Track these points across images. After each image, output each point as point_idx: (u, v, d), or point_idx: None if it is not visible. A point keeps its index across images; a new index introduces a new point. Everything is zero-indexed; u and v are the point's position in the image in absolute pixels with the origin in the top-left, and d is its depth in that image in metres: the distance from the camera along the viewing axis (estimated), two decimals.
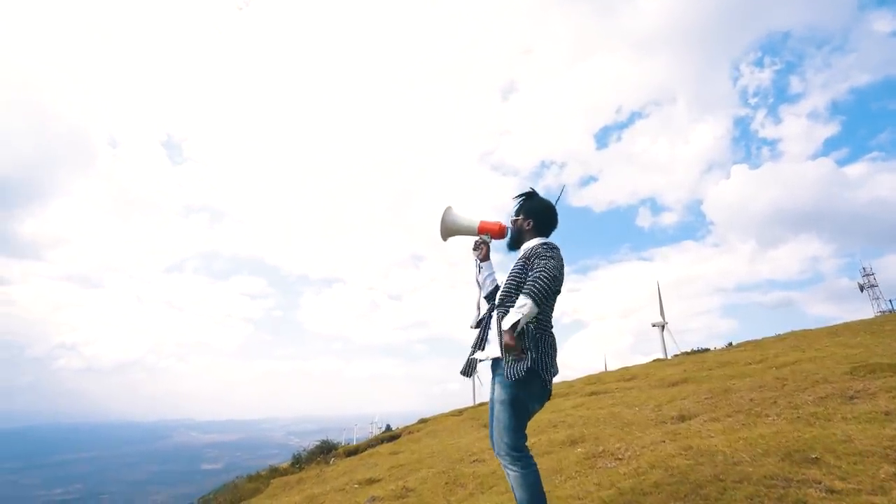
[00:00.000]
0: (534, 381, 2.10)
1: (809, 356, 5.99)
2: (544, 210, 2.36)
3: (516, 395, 2.07)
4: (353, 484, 6.83)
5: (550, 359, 2.15)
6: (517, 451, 2.04)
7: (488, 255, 2.57)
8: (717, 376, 6.74)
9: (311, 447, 19.02)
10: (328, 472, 10.16)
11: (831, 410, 3.19)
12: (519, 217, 2.40)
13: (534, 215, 2.35)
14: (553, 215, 2.38)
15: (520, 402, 2.07)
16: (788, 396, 3.93)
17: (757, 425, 3.38)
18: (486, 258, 2.57)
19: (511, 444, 2.04)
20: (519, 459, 2.03)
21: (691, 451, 3.08)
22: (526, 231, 2.36)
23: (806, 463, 2.36)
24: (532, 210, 2.37)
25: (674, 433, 3.82)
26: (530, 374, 2.09)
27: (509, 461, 2.05)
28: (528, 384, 2.09)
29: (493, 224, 2.57)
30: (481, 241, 2.57)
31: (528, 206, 2.39)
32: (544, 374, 2.11)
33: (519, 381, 2.08)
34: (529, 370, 2.09)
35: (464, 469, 5.52)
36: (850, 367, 4.22)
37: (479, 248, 2.58)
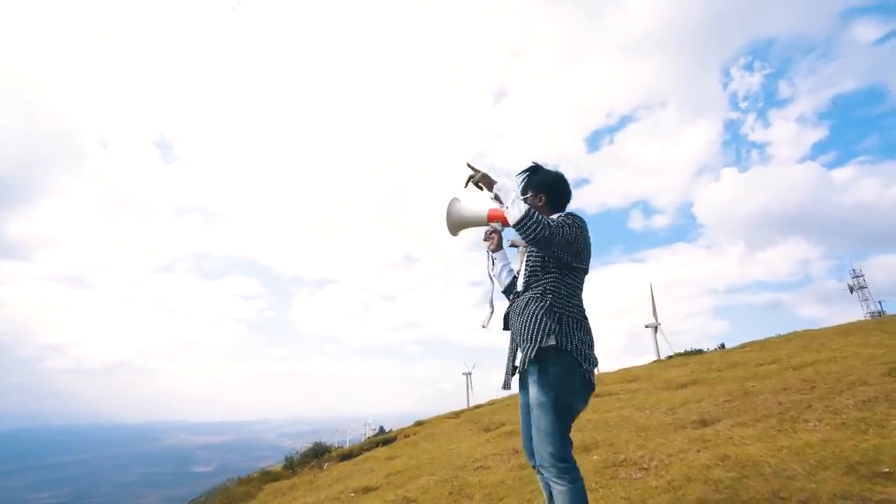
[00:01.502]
0: (574, 374, 1.81)
1: (827, 357, 5.72)
2: (555, 181, 2.09)
3: (557, 394, 1.77)
4: (349, 492, 6.46)
5: (589, 348, 1.87)
6: (563, 462, 1.77)
7: (501, 244, 2.29)
8: (729, 378, 6.46)
9: (303, 449, 18.61)
10: (321, 479, 9.77)
11: (881, 416, 2.90)
12: (528, 195, 2.12)
13: (546, 189, 2.08)
14: (566, 185, 2.10)
15: (562, 403, 1.78)
16: (824, 400, 3.64)
17: (797, 432, 3.08)
18: (499, 248, 2.29)
19: (556, 453, 1.76)
20: (566, 472, 1.75)
21: (730, 462, 2.77)
22: (540, 208, 2.08)
23: (878, 478, 2.05)
24: (542, 184, 2.09)
25: (701, 440, 3.51)
26: (570, 367, 1.80)
27: (555, 473, 1.76)
28: (570, 379, 1.80)
29: (502, 211, 2.29)
30: (492, 231, 2.29)
31: (535, 180, 2.12)
32: (585, 365, 1.83)
33: (559, 378, 1.78)
34: (569, 362, 1.80)
35: (468, 477, 5.18)
36: (887, 368, 3.94)
37: (489, 239, 2.30)
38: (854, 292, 29.82)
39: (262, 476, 15.57)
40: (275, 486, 11.30)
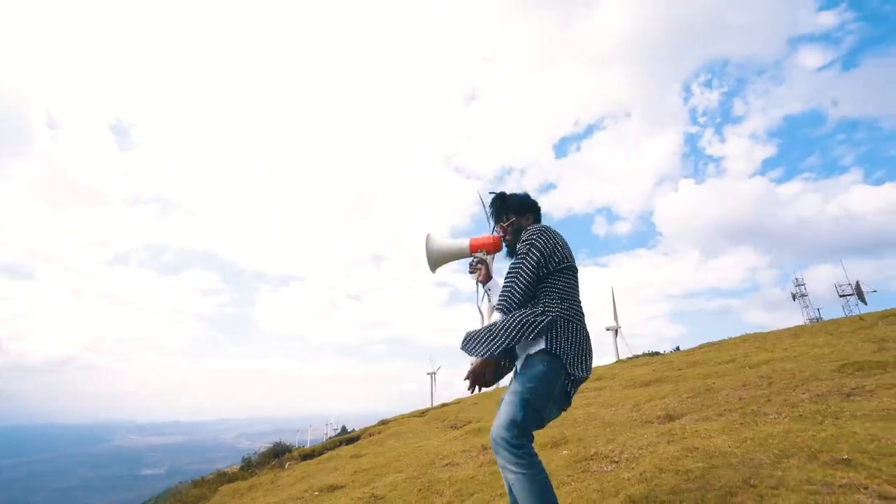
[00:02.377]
0: (558, 378, 1.76)
1: (780, 356, 6.03)
2: (529, 199, 2.16)
3: (533, 388, 1.73)
4: (313, 491, 6.28)
5: (582, 354, 1.80)
6: (519, 448, 1.71)
7: (490, 274, 2.21)
8: (691, 376, 6.70)
9: (263, 450, 18.02)
10: (283, 478, 9.47)
11: (836, 408, 3.05)
12: (513, 219, 2.14)
13: (527, 209, 2.14)
14: (529, 199, 2.17)
15: (535, 399, 1.74)
16: (781, 395, 3.81)
17: (758, 424, 3.20)
18: (489, 278, 2.20)
19: (510, 439, 1.72)
20: (522, 456, 1.70)
21: (698, 453, 2.84)
22: (528, 227, 2.10)
23: (838, 464, 2.15)
24: (522, 206, 2.14)
25: (668, 433, 3.60)
26: (555, 370, 1.76)
27: (508, 458, 1.72)
28: (552, 381, 1.75)
29: (485, 238, 2.21)
30: (477, 261, 2.22)
31: (514, 205, 2.15)
32: (572, 371, 1.78)
33: (540, 375, 1.74)
34: (556, 365, 1.75)
35: (437, 474, 5.12)
36: (836, 365, 4.17)
37: (476, 270, 2.22)
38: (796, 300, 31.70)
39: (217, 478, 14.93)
40: (232, 487, 10.87)
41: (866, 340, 5.49)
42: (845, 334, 6.80)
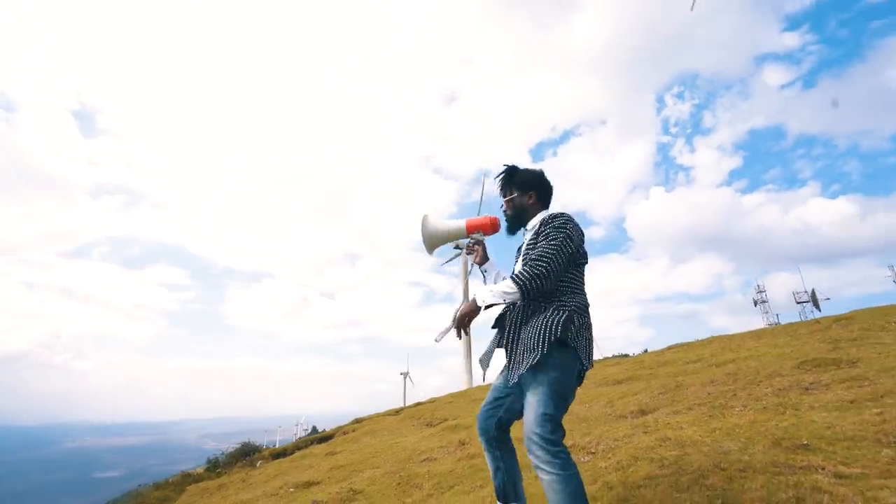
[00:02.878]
0: (574, 366, 1.80)
1: (745, 355, 6.34)
2: (540, 177, 2.11)
3: (557, 378, 1.73)
4: (288, 488, 6.21)
5: (590, 345, 1.86)
6: (553, 446, 1.67)
7: (486, 255, 2.24)
8: (661, 374, 6.96)
9: (230, 450, 17.54)
10: (255, 476, 9.30)
11: (796, 400, 3.27)
12: (514, 195, 2.11)
13: (534, 186, 2.09)
14: (549, 181, 2.13)
15: (560, 389, 1.72)
16: (746, 389, 4.03)
17: (725, 416, 3.38)
18: (486, 259, 2.24)
19: (546, 435, 1.67)
20: (556, 456, 1.66)
21: (671, 443, 2.99)
22: (529, 206, 2.09)
23: (798, 449, 2.31)
24: (528, 182, 2.10)
25: (642, 426, 3.76)
26: (571, 359, 1.80)
27: (544, 458, 1.67)
28: (570, 368, 1.78)
29: (482, 219, 2.24)
30: (474, 242, 2.25)
31: (519, 180, 2.11)
32: (585, 361, 1.83)
33: (560, 365, 1.77)
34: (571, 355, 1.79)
35: (415, 469, 5.16)
36: (796, 362, 4.45)
37: (474, 251, 2.25)
38: (757, 305, 33.15)
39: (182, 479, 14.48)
40: (200, 487, 10.59)
41: (822, 341, 5.85)
42: (803, 336, 7.21)
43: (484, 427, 2.09)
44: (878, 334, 5.47)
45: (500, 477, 2.08)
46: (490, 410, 2.05)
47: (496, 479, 2.10)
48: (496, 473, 2.09)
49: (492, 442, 2.07)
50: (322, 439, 14.15)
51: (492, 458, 2.09)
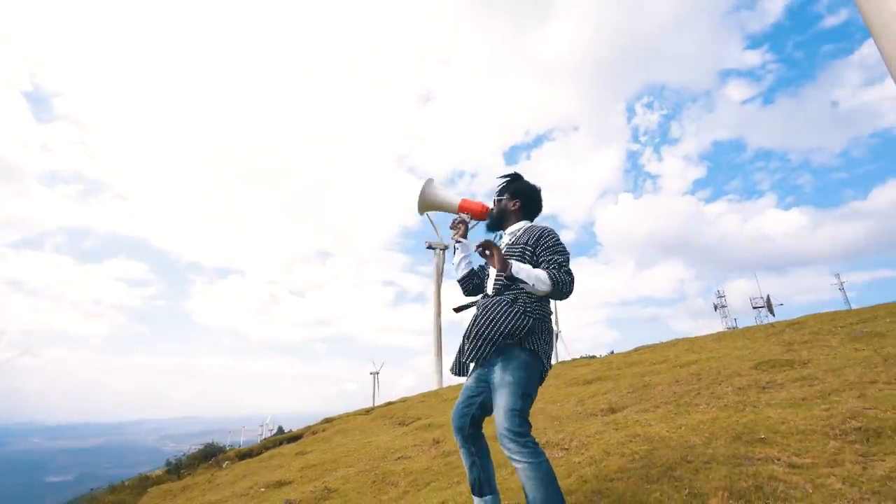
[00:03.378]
0: (537, 366, 1.94)
1: (707, 357, 6.67)
2: (532, 192, 2.26)
3: (521, 376, 1.87)
4: (259, 487, 6.11)
5: (550, 349, 2.01)
6: (522, 437, 1.78)
7: (466, 234, 2.39)
8: (629, 374, 7.22)
9: (193, 451, 16.94)
10: (222, 477, 9.08)
11: (754, 399, 3.49)
12: (504, 197, 2.26)
13: (522, 196, 2.23)
14: (540, 199, 2.27)
15: (525, 386, 1.87)
16: (709, 388, 4.26)
17: (690, 413, 3.58)
18: (464, 237, 2.38)
19: (514, 428, 1.78)
20: (526, 445, 1.78)
21: (640, 438, 3.15)
22: (511, 212, 2.24)
23: (756, 443, 2.49)
24: (520, 191, 2.24)
25: (612, 423, 3.92)
26: (534, 359, 1.93)
27: (514, 449, 1.77)
28: (534, 367, 1.92)
29: (474, 203, 2.39)
30: (460, 220, 2.40)
31: (514, 186, 2.27)
32: (546, 363, 1.98)
33: (524, 364, 1.89)
34: (533, 356, 1.92)
35: (390, 467, 5.19)
36: (754, 363, 4.73)
37: (457, 228, 2.40)
38: (717, 310, 34.62)
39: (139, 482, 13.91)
40: (162, 489, 10.25)
41: (777, 344, 6.22)
42: (760, 339, 7.63)
43: (459, 425, 2.18)
44: (825, 338, 5.86)
45: (475, 472, 2.17)
46: (464, 409, 2.14)
47: (471, 474, 2.18)
48: (471, 468, 2.18)
49: (467, 439, 2.17)
50: (291, 439, 13.90)
51: (467, 454, 2.18)
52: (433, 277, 45.36)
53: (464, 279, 2.34)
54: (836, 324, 6.90)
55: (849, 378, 3.36)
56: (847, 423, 2.41)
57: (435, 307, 44.18)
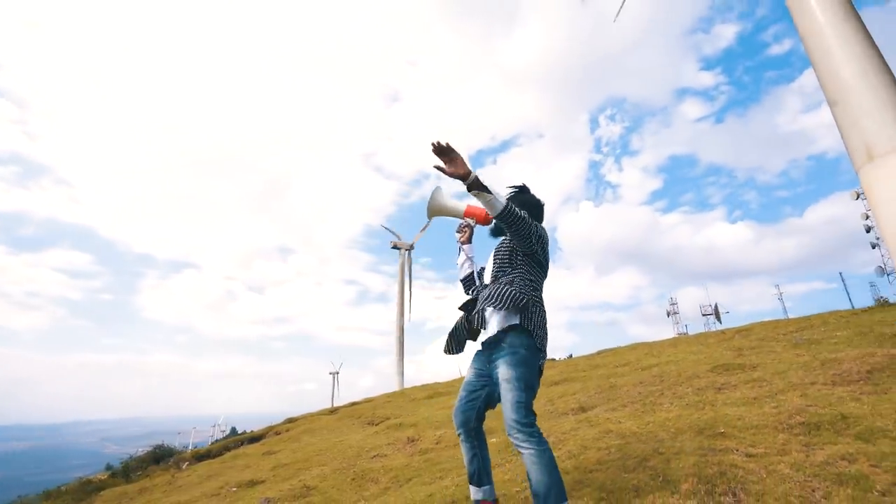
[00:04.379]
0: (536, 360, 2.11)
1: (666, 360, 7.15)
2: (537, 205, 2.46)
3: (524, 372, 2.03)
4: (230, 487, 6.04)
5: (546, 339, 2.19)
6: (529, 427, 1.96)
7: (470, 238, 2.59)
8: (595, 376, 7.62)
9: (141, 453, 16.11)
10: (183, 478, 8.82)
11: (712, 398, 3.85)
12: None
13: (528, 208, 2.40)
14: (543, 212, 2.48)
15: (528, 380, 2.04)
16: (671, 389, 4.63)
17: (656, 411, 3.90)
18: (468, 241, 2.58)
19: (521, 419, 1.96)
20: (532, 435, 1.96)
21: (613, 434, 3.42)
22: None
23: (718, 436, 2.80)
24: (525, 202, 2.42)
25: (585, 421, 4.20)
26: (534, 353, 2.10)
27: (521, 438, 1.94)
28: (534, 362, 2.09)
29: (479, 209, 2.54)
30: (465, 225, 2.59)
31: (521, 198, 2.45)
32: (543, 356, 2.15)
33: (526, 360, 2.06)
34: (533, 348, 2.10)
35: (367, 465, 5.26)
36: (710, 366, 5.16)
37: (462, 231, 2.59)
38: (670, 316, 36.44)
39: (80, 486, 13.17)
40: (116, 492, 9.84)
41: (728, 349, 6.77)
42: (712, 344, 8.23)
43: (464, 419, 2.32)
44: (770, 344, 6.44)
45: (476, 463, 2.32)
46: (469, 403, 2.30)
47: (472, 466, 2.34)
48: (472, 461, 2.33)
49: (470, 433, 2.31)
50: (252, 439, 13.58)
51: (469, 447, 2.33)
52: (397, 277, 45.21)
53: (466, 279, 2.53)
54: (778, 331, 7.57)
55: (792, 380, 3.78)
56: (792, 419, 2.76)
57: (398, 307, 44.02)
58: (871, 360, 3.46)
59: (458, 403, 2.37)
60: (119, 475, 13.81)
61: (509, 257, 2.29)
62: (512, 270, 2.25)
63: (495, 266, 2.33)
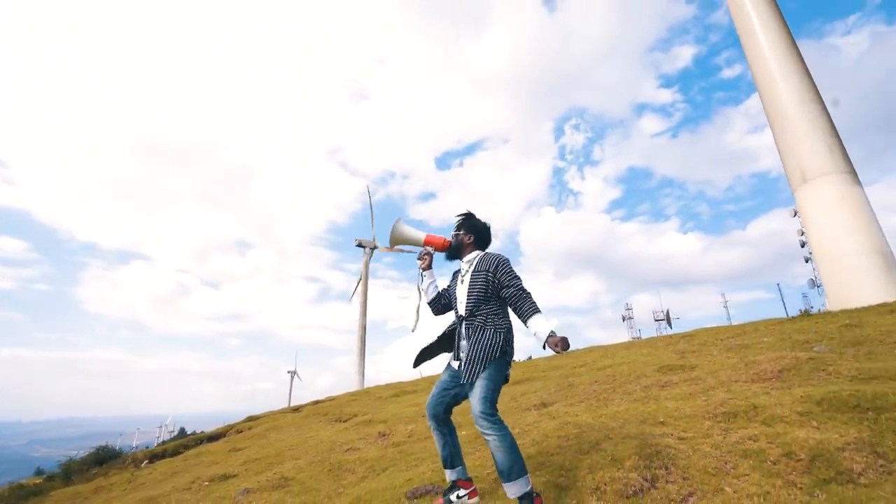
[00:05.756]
0: (505, 368, 2.53)
1: (619, 361, 7.81)
2: (485, 228, 2.85)
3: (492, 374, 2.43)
4: (202, 481, 6.13)
5: (513, 352, 2.61)
6: (492, 417, 2.36)
7: (431, 265, 2.92)
8: (554, 376, 8.19)
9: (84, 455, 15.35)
10: (145, 476, 8.70)
11: (656, 394, 4.42)
12: (460, 232, 2.83)
13: (476, 231, 2.81)
14: (490, 234, 2.87)
15: (497, 381, 2.45)
16: (622, 387, 5.20)
17: (608, 406, 4.43)
18: (429, 268, 2.92)
19: (487, 410, 2.35)
20: (495, 422, 2.34)
21: (571, 425, 3.90)
22: (467, 245, 2.81)
23: (658, 425, 3.32)
24: (474, 227, 2.82)
25: (546, 415, 4.68)
26: (505, 363, 2.52)
27: (487, 425, 2.33)
28: (503, 370, 2.51)
29: (437, 238, 2.90)
30: (425, 252, 2.90)
31: (469, 223, 2.83)
32: (509, 367, 2.58)
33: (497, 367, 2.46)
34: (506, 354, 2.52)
35: (342, 457, 5.52)
36: (656, 366, 5.79)
37: (423, 259, 2.91)
38: (625, 321, 38.31)
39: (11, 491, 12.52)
40: (69, 492, 9.55)
41: (673, 352, 7.50)
42: (660, 348, 9.01)
43: (434, 412, 2.73)
44: (709, 348, 7.21)
45: (448, 449, 2.72)
46: (439, 398, 2.70)
47: (444, 451, 2.73)
48: (444, 447, 2.72)
49: (440, 423, 2.72)
50: (211, 438, 13.36)
51: (440, 434, 2.72)
52: (361, 276, 44.96)
53: (433, 301, 2.88)
54: (717, 337, 8.41)
55: (721, 378, 4.40)
56: (717, 409, 3.32)
57: (361, 306, 43.80)
58: (783, 362, 4.13)
59: (430, 399, 2.76)
60: (59, 478, 13.10)
61: (485, 294, 2.59)
62: (486, 305, 2.58)
63: (471, 300, 2.61)
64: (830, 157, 11.07)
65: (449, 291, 2.87)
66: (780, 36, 12.93)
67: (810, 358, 4.08)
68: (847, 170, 10.98)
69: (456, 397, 2.68)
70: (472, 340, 2.53)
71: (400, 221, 2.88)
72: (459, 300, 2.71)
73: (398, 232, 2.87)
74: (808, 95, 12.25)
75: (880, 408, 2.56)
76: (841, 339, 4.58)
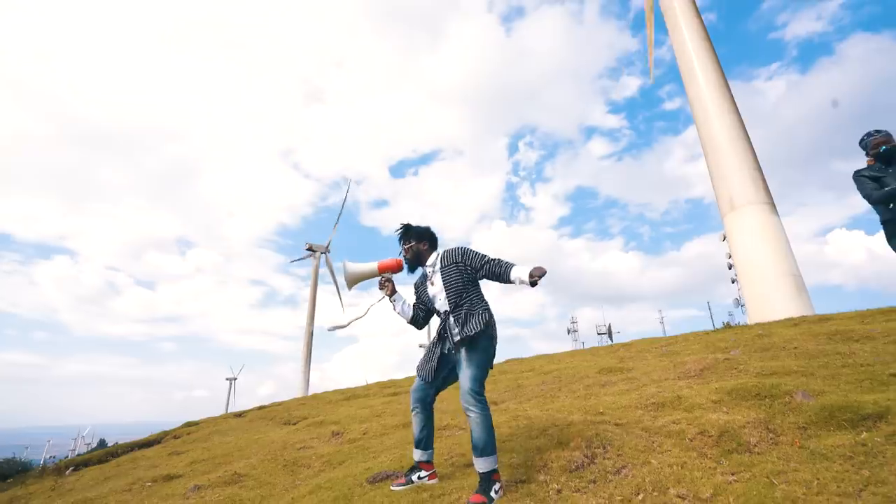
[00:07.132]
0: (492, 345, 2.78)
1: (564, 366, 8.32)
2: (429, 231, 3.06)
3: (483, 358, 2.69)
4: (144, 482, 5.89)
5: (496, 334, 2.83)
6: (480, 396, 2.61)
7: (395, 289, 3.05)
8: (504, 379, 8.57)
9: None
10: (72, 483, 8.13)
11: (597, 391, 4.86)
12: (412, 243, 2.99)
13: (426, 237, 3.03)
14: (434, 233, 3.09)
15: (486, 360, 2.70)
16: (567, 386, 5.63)
17: (554, 402, 4.82)
18: (394, 292, 3.04)
19: (476, 389, 2.59)
20: (480, 401, 2.59)
21: (521, 417, 4.23)
22: (423, 251, 3.01)
23: (598, 414, 3.71)
24: (423, 234, 3.02)
25: (497, 411, 4.98)
26: (492, 341, 2.77)
27: (472, 403, 2.57)
28: (491, 348, 2.76)
29: (391, 262, 2.99)
30: (386, 279, 2.99)
31: (416, 232, 3.01)
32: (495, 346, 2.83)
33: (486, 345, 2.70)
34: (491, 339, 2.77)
35: (296, 454, 5.52)
36: (598, 369, 6.29)
37: (385, 286, 3.02)
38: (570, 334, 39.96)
39: None
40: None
41: (613, 358, 8.12)
42: (602, 354, 9.67)
43: (422, 396, 2.94)
44: (645, 354, 7.87)
45: (426, 431, 2.95)
46: (430, 385, 2.93)
47: (422, 433, 2.94)
48: (423, 429, 2.93)
49: (425, 407, 2.94)
50: (147, 443, 12.58)
51: (422, 418, 2.94)
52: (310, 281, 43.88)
53: (412, 319, 3.03)
54: (652, 345, 9.16)
55: (654, 377, 4.92)
56: (648, 401, 3.77)
57: (309, 312, 42.67)
58: (704, 362, 4.71)
59: (418, 384, 2.94)
60: None
61: (462, 285, 2.81)
62: (466, 294, 2.81)
63: (452, 294, 2.80)
64: (755, 188, 12.41)
65: (422, 300, 3.01)
66: (715, 77, 14.38)
67: (726, 359, 4.68)
68: (768, 200, 12.35)
69: (444, 381, 2.92)
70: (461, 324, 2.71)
71: (346, 263, 2.91)
72: (438, 299, 2.86)
73: (350, 273, 2.90)
74: (738, 132, 13.70)
75: (774, 395, 3.08)
76: (752, 346, 5.26)
